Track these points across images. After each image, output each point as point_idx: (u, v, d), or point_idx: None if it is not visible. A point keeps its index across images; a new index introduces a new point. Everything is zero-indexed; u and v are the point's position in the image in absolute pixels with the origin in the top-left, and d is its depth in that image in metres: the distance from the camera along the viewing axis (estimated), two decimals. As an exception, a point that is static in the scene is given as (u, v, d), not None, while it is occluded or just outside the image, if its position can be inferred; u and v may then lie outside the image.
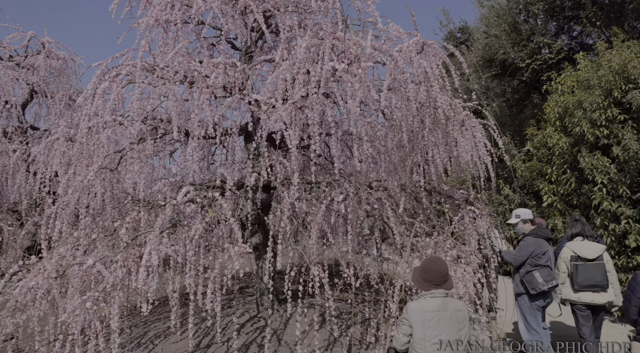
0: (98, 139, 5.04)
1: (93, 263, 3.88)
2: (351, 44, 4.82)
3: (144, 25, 5.47)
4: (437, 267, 3.30)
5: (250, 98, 4.63)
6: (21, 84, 10.35)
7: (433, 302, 3.16)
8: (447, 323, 3.11)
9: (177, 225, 4.37)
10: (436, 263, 3.34)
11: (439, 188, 6.20)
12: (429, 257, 3.53)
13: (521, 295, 5.09)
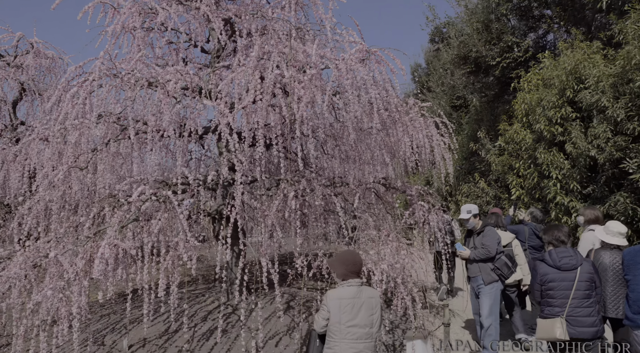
0: (67, 140, 5.45)
1: (55, 256, 4.31)
2: (300, 53, 5.19)
3: (110, 32, 5.85)
4: (358, 259, 3.69)
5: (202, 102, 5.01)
6: (11, 83, 10.76)
7: (349, 290, 3.55)
8: (361, 308, 3.51)
9: (137, 220, 4.80)
10: (357, 255, 3.73)
11: (394, 184, 6.57)
12: (348, 251, 3.92)
13: (493, 283, 5.25)
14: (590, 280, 3.85)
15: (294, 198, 5.32)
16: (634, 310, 3.79)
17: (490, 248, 5.23)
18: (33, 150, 6.42)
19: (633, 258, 3.94)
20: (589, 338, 3.73)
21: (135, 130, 5.16)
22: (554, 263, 3.91)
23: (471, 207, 5.50)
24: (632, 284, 3.88)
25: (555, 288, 3.86)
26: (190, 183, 5.34)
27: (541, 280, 3.96)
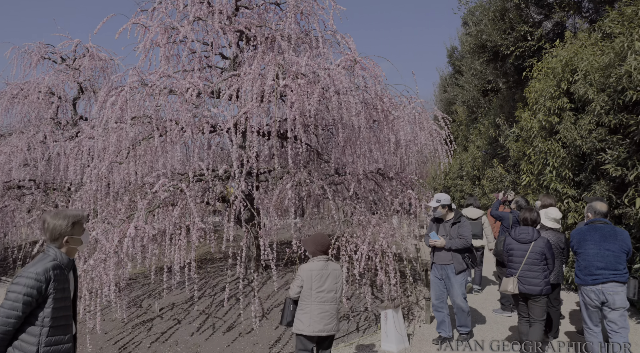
0: (109, 140, 6.65)
1: (95, 234, 5.50)
2: (294, 64, 6.04)
3: (141, 48, 6.95)
4: (326, 241, 4.55)
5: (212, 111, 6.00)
6: (71, 83, 12.35)
7: (318, 264, 4.42)
8: (328, 278, 4.38)
9: (159, 207, 5.92)
10: (325, 237, 4.60)
11: (388, 173, 7.31)
12: (319, 233, 4.77)
13: (463, 272, 5.53)
14: (541, 252, 4.89)
15: (291, 189, 6.23)
16: (584, 273, 4.64)
17: (468, 238, 5.45)
18: (84, 147, 7.72)
19: (582, 237, 4.74)
20: (535, 293, 4.85)
21: (160, 130, 6.25)
22: (515, 236, 5.07)
23: (442, 196, 5.67)
24: (582, 255, 4.70)
25: (513, 255, 5.03)
26: (205, 175, 6.41)
27: (506, 248, 5.13)
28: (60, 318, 2.77)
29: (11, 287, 2.65)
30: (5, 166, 10.76)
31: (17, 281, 2.65)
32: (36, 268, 2.70)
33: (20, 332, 2.67)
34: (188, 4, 7.54)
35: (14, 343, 2.67)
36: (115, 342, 6.03)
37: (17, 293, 2.63)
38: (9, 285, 2.66)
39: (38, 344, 2.65)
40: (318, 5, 7.69)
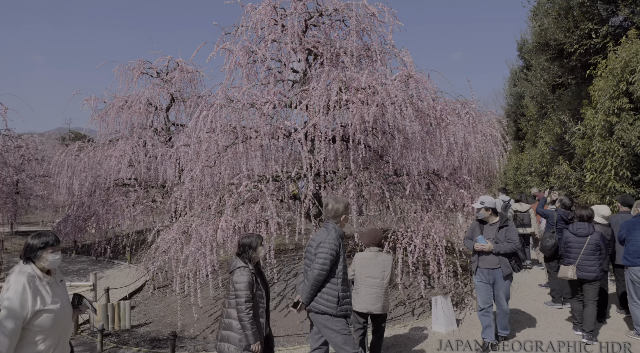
0: (201, 147, 7.95)
1: (195, 226, 6.78)
2: (354, 80, 6.93)
3: (227, 68, 8.20)
4: (378, 235, 5.40)
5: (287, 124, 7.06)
6: (164, 94, 14.16)
7: (369, 254, 5.29)
8: (375, 266, 5.24)
9: (243, 203, 7.09)
10: (377, 232, 5.45)
11: (442, 174, 7.97)
12: (373, 228, 5.63)
13: (509, 275, 5.45)
14: (596, 244, 5.77)
15: (353, 188, 7.14)
16: (633, 256, 5.74)
17: (516, 243, 5.34)
18: (181, 153, 9.16)
19: (632, 226, 5.83)
20: (591, 279, 5.73)
21: (242, 138, 7.43)
22: (572, 231, 5.93)
23: (486, 198, 5.58)
24: (631, 242, 5.78)
25: (571, 247, 5.89)
26: (280, 176, 7.50)
27: (564, 241, 6.02)
28: (345, 273, 4.10)
29: (320, 250, 3.89)
30: (114, 167, 12.73)
31: (323, 245, 3.88)
32: (333, 238, 3.93)
33: (325, 282, 3.95)
34: (265, 26, 8.68)
35: (322, 289, 3.96)
36: (210, 315, 7.34)
37: (325, 253, 3.86)
38: (319, 248, 3.89)
39: (337, 290, 3.94)
40: (378, 21, 8.49)
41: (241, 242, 4.07)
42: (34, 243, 3.12)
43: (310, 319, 4.18)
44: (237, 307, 3.82)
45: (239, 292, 3.82)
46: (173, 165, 11.50)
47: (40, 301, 2.97)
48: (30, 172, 18.48)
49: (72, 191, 14.33)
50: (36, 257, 3.09)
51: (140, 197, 13.04)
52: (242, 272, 3.89)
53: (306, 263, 4.16)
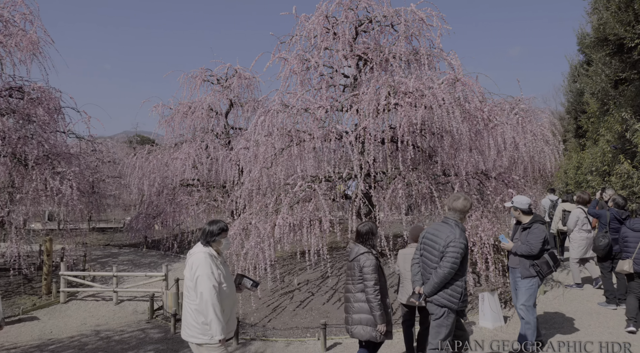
0: (259, 150, 8.56)
1: (254, 223, 7.38)
2: (402, 84, 7.27)
3: (283, 76, 8.77)
4: (418, 232, 5.73)
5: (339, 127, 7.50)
6: (224, 100, 15.06)
7: (410, 250, 5.61)
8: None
9: (298, 202, 7.62)
10: (418, 230, 5.76)
11: (490, 174, 8.09)
12: (415, 226, 5.93)
13: (530, 278, 5.24)
14: None
15: (402, 188, 7.46)
16: None
17: (533, 247, 5.16)
18: (240, 155, 9.85)
19: None
20: None
21: (297, 141, 7.95)
22: (630, 226, 6.23)
23: (518, 198, 5.44)
24: None
25: (628, 241, 6.16)
26: (332, 176, 7.96)
27: (621, 236, 6.34)
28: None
29: (450, 248, 4.06)
30: (180, 169, 13.76)
31: (453, 244, 4.05)
32: (462, 237, 4.11)
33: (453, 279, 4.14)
34: (317, 34, 9.18)
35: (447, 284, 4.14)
36: (268, 305, 7.94)
37: (455, 252, 4.05)
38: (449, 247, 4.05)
39: (462, 286, 4.17)
40: (427, 25, 8.74)
41: (362, 229, 4.41)
42: (213, 229, 3.73)
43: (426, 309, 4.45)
44: (365, 289, 4.17)
45: (366, 275, 4.17)
46: (233, 167, 12.29)
47: (218, 276, 3.62)
48: (104, 173, 20.15)
49: (142, 191, 15.59)
50: (214, 241, 3.72)
51: (202, 196, 14.00)
52: (368, 257, 4.26)
53: (424, 255, 4.38)
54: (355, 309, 4.29)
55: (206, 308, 3.53)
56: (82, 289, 9.45)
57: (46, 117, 10.57)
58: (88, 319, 8.12)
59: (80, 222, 18.40)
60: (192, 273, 3.63)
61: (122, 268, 11.45)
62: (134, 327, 7.53)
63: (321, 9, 9.03)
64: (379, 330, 4.16)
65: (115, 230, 21.42)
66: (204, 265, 3.59)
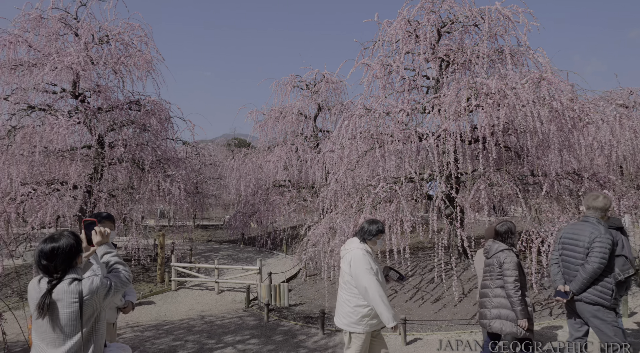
0: (344, 153, 9.03)
1: (339, 222, 7.84)
2: (484, 85, 7.29)
3: (366, 81, 9.15)
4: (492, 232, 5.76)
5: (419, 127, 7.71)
6: (312, 104, 15.80)
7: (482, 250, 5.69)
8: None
9: (380, 203, 7.94)
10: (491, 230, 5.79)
11: (583, 174, 7.74)
12: (491, 226, 5.94)
13: None
14: None
15: (484, 189, 7.46)
16: None
17: None
18: (327, 157, 10.41)
19: None
20: None
21: (379, 144, 8.28)
22: None
23: None
24: None
25: None
26: (413, 178, 8.16)
27: None
28: None
29: (596, 244, 3.99)
30: (272, 170, 14.74)
31: (600, 240, 3.98)
32: (607, 233, 4.05)
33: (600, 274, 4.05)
34: (399, 39, 9.41)
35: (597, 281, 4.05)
36: (351, 300, 8.34)
37: (603, 247, 3.98)
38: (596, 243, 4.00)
39: (612, 283, 4.06)
40: (513, 23, 8.57)
41: (500, 229, 4.53)
42: (371, 228, 3.98)
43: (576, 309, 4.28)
44: (505, 285, 4.26)
45: (507, 271, 4.26)
46: (320, 168, 12.93)
47: (375, 271, 3.85)
48: (206, 175, 22.05)
49: (239, 191, 16.91)
50: (370, 240, 3.98)
51: (293, 196, 14.85)
52: (509, 254, 4.36)
53: (565, 254, 4.39)
54: (494, 304, 4.40)
55: (374, 301, 3.73)
56: (189, 279, 10.64)
57: (158, 126, 12.01)
58: (194, 305, 9.18)
59: (187, 219, 20.41)
60: (351, 269, 3.86)
61: (222, 262, 12.62)
62: (232, 314, 8.38)
63: (403, 14, 9.26)
64: (520, 325, 4.21)
65: (216, 228, 23.28)
66: (363, 261, 3.81)
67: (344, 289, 4.00)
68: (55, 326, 2.44)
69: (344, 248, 4.11)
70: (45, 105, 10.43)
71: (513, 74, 7.37)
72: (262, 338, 6.77)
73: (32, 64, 10.06)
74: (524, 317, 4.19)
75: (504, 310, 4.32)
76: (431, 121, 8.24)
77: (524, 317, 4.19)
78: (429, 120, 8.18)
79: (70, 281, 2.47)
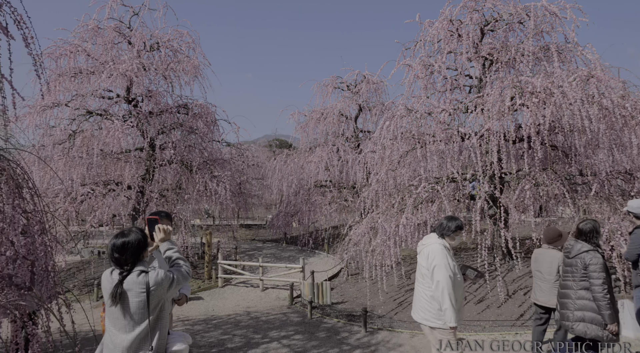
0: (385, 153, 9.10)
1: (380, 222, 7.93)
2: (528, 84, 7.19)
3: (407, 81, 9.19)
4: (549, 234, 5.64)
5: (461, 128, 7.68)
6: (353, 105, 15.91)
7: (540, 250, 5.58)
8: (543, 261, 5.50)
9: (422, 203, 7.97)
10: (550, 231, 5.68)
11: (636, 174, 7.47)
12: (548, 227, 5.85)
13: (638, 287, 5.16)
14: None
15: (529, 189, 7.34)
16: None
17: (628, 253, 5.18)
18: (368, 158, 10.50)
19: None
20: None
21: (420, 144, 8.30)
22: None
23: (633, 202, 5.39)
24: None
25: None
26: (455, 178, 8.13)
27: None
28: None
29: None
30: (314, 171, 14.96)
31: None
32: None
33: None
34: (441, 39, 9.38)
35: None
36: (394, 299, 8.43)
37: None
38: None
39: None
40: (560, 19, 8.37)
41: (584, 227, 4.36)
42: (450, 224, 4.04)
43: None
44: (591, 288, 4.10)
45: (593, 274, 4.10)
46: (361, 169, 13.02)
47: (453, 267, 3.93)
48: (249, 175, 22.60)
49: (281, 191, 17.26)
50: (448, 235, 4.04)
51: (334, 196, 15.02)
52: (594, 255, 4.19)
53: None
54: (578, 306, 4.28)
55: (442, 296, 3.78)
56: (235, 276, 11.01)
57: (205, 129, 12.48)
58: (240, 302, 9.51)
59: (231, 219, 21.02)
60: (428, 262, 3.94)
61: (265, 260, 12.95)
62: (277, 310, 8.64)
63: (445, 13, 9.23)
64: (609, 330, 4.06)
65: (259, 227, 23.81)
66: (441, 256, 3.88)
67: (421, 283, 4.06)
68: (126, 313, 2.70)
69: (421, 243, 4.18)
70: (101, 110, 11.09)
71: (560, 71, 7.21)
72: (306, 334, 6.96)
73: (90, 71, 10.71)
74: (613, 321, 4.02)
75: (588, 313, 4.18)
76: (474, 121, 8.19)
77: (613, 321, 4.02)
78: (472, 120, 8.13)
79: (139, 273, 2.73)
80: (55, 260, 4.82)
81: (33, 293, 4.06)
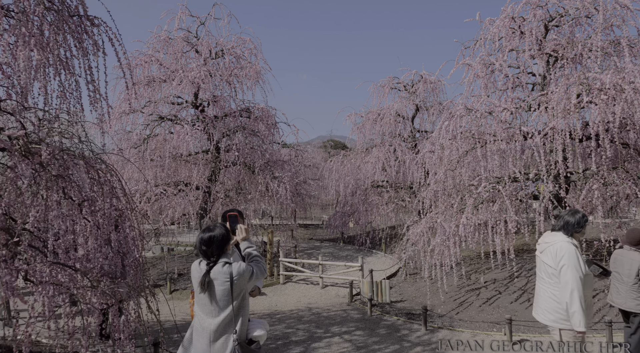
0: (444, 153, 9.09)
1: (440, 222, 7.96)
2: (596, 81, 6.98)
3: (467, 81, 9.13)
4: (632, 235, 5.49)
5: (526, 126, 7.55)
6: (410, 105, 15.87)
7: (620, 251, 5.42)
8: (622, 263, 5.37)
9: (482, 203, 7.92)
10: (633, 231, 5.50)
11: None
12: (633, 228, 5.62)
13: None
14: None
15: (598, 189, 7.10)
16: None
17: None
18: (426, 158, 10.51)
19: None
20: None
21: (480, 143, 8.24)
22: None
23: None
24: None
25: None
26: (518, 177, 7.99)
27: None
28: None
29: None
30: (370, 171, 15.09)
31: None
32: None
33: None
34: (502, 37, 9.23)
35: None
36: (454, 299, 8.42)
37: None
38: None
39: None
40: (632, 12, 8.00)
41: None
42: (576, 220, 3.81)
43: None
44: None
45: None
46: (419, 169, 13.00)
47: (583, 268, 3.70)
48: (306, 176, 23.07)
49: (338, 191, 17.52)
50: (576, 231, 3.84)
51: (391, 196, 15.08)
52: None
53: None
54: None
55: (571, 299, 3.58)
56: (295, 274, 11.39)
57: (266, 131, 12.98)
58: (301, 298, 9.86)
59: (290, 218, 21.59)
60: (556, 261, 3.74)
61: (324, 259, 13.24)
62: (337, 307, 8.89)
63: (507, 11, 9.07)
64: None
65: (316, 227, 24.22)
66: (571, 255, 3.66)
67: (547, 283, 3.88)
68: (212, 300, 3.03)
69: (543, 242, 4.01)
70: (172, 116, 11.86)
71: (632, 66, 6.91)
72: (367, 330, 7.15)
73: (162, 79, 11.50)
74: None
75: None
76: (537, 119, 7.99)
77: None
78: (535, 119, 7.95)
79: (223, 264, 3.05)
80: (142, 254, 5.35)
81: (125, 282, 4.55)
